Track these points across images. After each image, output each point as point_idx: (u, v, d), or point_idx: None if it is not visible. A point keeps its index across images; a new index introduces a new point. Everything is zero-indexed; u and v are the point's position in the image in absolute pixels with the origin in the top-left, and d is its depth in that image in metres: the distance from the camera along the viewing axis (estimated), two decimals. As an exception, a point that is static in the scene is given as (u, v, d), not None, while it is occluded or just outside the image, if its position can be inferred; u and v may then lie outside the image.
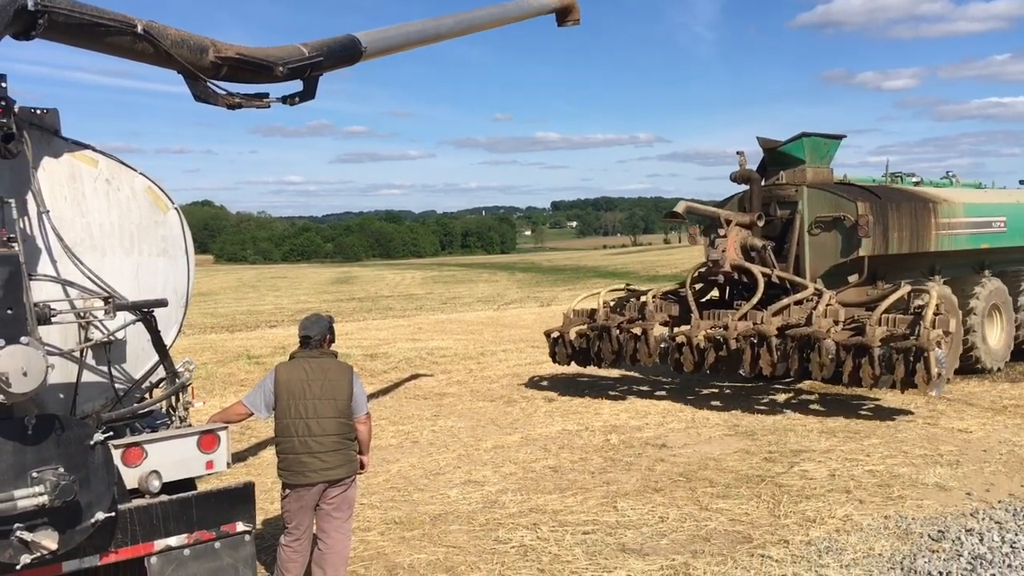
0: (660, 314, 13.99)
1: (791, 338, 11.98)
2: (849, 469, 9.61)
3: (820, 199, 13.78)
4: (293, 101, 7.09)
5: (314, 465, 5.99)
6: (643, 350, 13.39)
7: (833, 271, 13.78)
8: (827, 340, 11.66)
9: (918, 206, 14.39)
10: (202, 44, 6.16)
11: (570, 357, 14.55)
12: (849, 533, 7.57)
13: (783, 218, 14.15)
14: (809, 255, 13.84)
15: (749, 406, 13.12)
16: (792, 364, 12.05)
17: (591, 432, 11.84)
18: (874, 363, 11.35)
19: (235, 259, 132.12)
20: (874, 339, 11.37)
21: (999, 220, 16.08)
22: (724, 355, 12.53)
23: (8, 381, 4.39)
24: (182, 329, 6.34)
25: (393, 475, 9.95)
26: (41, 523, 4.66)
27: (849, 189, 14.09)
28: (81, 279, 5.49)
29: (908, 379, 11.19)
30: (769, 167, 14.65)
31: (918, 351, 11.11)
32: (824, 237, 13.71)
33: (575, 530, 7.89)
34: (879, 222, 13.44)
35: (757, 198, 14.18)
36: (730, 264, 13.59)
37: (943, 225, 14.70)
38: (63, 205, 5.50)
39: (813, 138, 14.22)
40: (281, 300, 42.57)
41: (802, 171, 14.19)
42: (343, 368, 6.23)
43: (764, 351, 12.13)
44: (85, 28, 5.39)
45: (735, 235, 13.74)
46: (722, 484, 9.20)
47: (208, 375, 17.25)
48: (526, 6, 11.07)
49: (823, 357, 11.64)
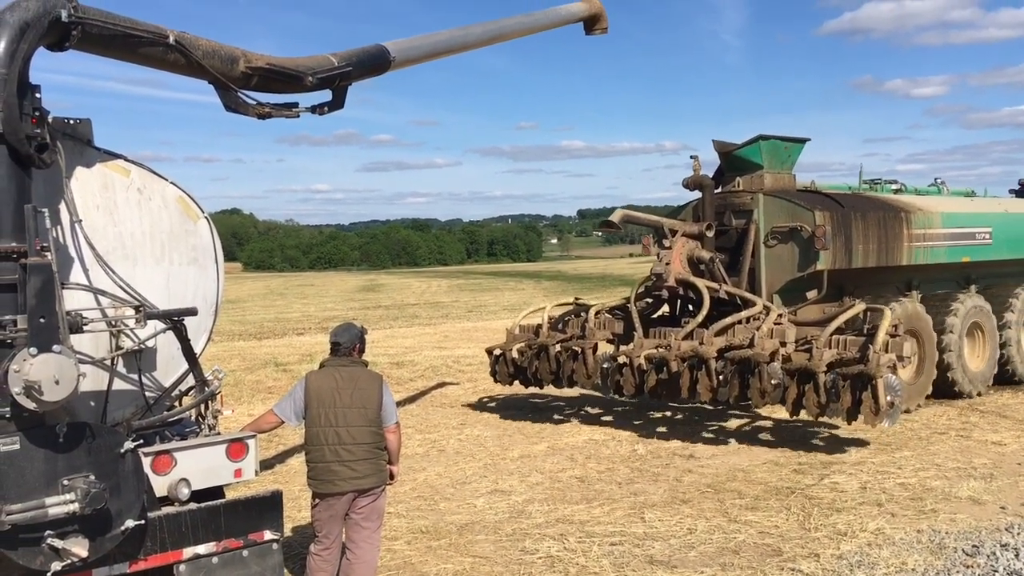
0: (603, 331, 13.04)
1: (730, 361, 10.85)
2: (880, 482, 9.48)
3: (777, 208, 12.69)
4: (322, 111, 7.13)
5: (344, 474, 5.99)
6: (580, 371, 12.44)
7: (790, 286, 12.72)
8: (771, 364, 10.60)
9: (888, 216, 13.37)
10: (233, 55, 6.21)
11: (512, 376, 13.42)
12: (881, 547, 7.46)
13: (739, 228, 13.02)
14: (765, 268, 12.75)
15: (778, 417, 12.99)
16: (732, 390, 10.87)
17: (618, 442, 11.77)
18: (819, 390, 10.23)
19: (263, 267, 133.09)
20: (820, 363, 10.26)
21: (983, 231, 14.98)
22: (665, 378, 11.38)
23: (40, 389, 4.44)
24: (211, 337, 6.37)
25: (420, 484, 9.94)
26: (72, 530, 4.71)
27: (809, 197, 12.99)
28: (112, 288, 5.54)
29: (854, 409, 10.11)
30: (726, 173, 13.59)
31: (864, 378, 10.01)
32: (780, 249, 12.63)
33: (602, 541, 7.84)
34: (840, 233, 12.46)
35: (710, 206, 13.04)
36: (674, 278, 12.45)
37: (917, 236, 13.69)
38: (95, 214, 5.55)
39: (772, 141, 13.20)
40: (308, 308, 42.78)
41: (760, 177, 13.10)
42: (373, 377, 6.23)
43: (703, 375, 10.93)
44: (118, 39, 5.46)
45: (681, 246, 12.61)
46: (751, 496, 9.10)
47: (236, 382, 17.35)
48: (554, 15, 11.07)
49: (764, 383, 10.54)
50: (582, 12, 11.52)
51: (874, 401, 9.85)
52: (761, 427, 12.42)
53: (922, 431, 11.93)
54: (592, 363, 12.41)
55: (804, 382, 10.40)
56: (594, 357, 12.50)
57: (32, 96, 4.91)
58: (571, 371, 12.54)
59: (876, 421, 9.95)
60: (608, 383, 12.32)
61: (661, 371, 11.43)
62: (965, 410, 13.29)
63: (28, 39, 4.79)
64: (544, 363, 12.84)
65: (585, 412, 14.01)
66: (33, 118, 4.88)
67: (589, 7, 11.58)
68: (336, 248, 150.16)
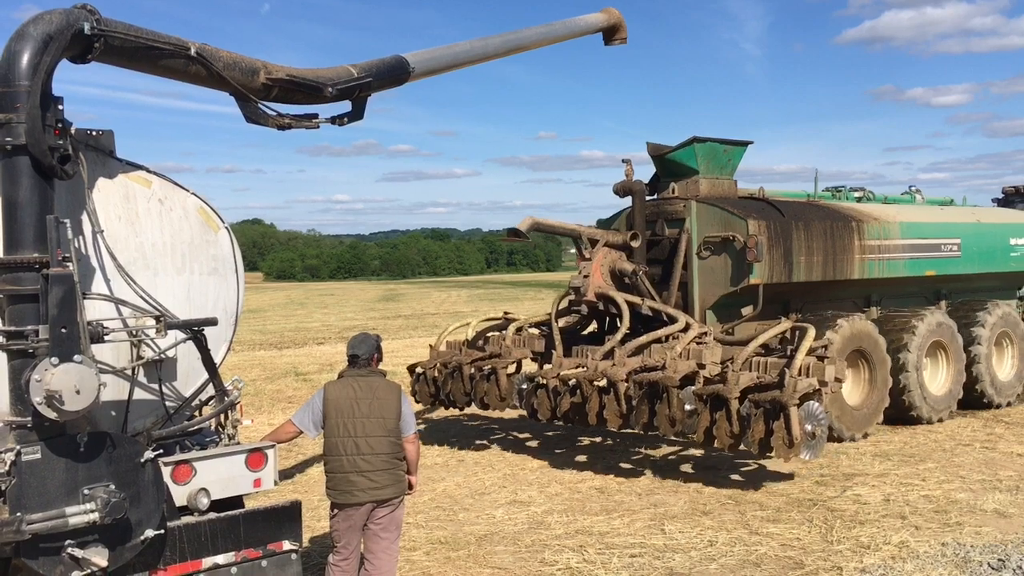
0: (522, 349, 12.05)
1: (638, 384, 9.91)
2: (904, 494, 9.37)
3: (710, 216, 11.62)
4: (342, 122, 7.15)
5: (362, 484, 5.98)
6: (493, 392, 11.48)
7: (725, 301, 11.67)
8: (683, 388, 9.65)
9: (837, 226, 12.27)
10: (253, 66, 6.25)
11: (433, 396, 12.41)
12: (905, 560, 7.37)
13: (672, 238, 12.03)
14: (697, 282, 11.69)
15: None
16: (640, 417, 9.87)
17: (637, 452, 11.70)
18: (731, 419, 9.21)
19: (284, 276, 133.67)
20: (733, 389, 9.24)
21: (951, 243, 13.82)
22: (579, 401, 10.38)
23: (61, 399, 4.46)
24: (231, 347, 6.39)
25: (439, 494, 9.92)
26: (92, 540, 4.72)
27: (745, 205, 11.90)
28: (133, 298, 5.57)
29: (766, 441, 9.06)
30: (662, 178, 12.66)
31: (776, 407, 9.02)
32: (713, 261, 11.56)
33: (622, 553, 7.79)
34: (778, 244, 11.40)
35: (640, 214, 12.11)
36: (594, 292, 11.48)
37: (871, 248, 12.61)
38: (117, 225, 5.59)
39: (709, 144, 12.20)
40: (328, 317, 42.92)
41: (695, 183, 12.15)
42: (392, 387, 6.23)
43: (611, 400, 10.01)
44: (140, 51, 5.51)
45: (603, 258, 11.69)
46: (772, 508, 9.02)
47: (256, 392, 17.42)
48: (573, 26, 11.07)
49: (673, 409, 9.55)
50: (601, 23, 11.52)
51: (787, 432, 8.83)
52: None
53: (946, 443, 11.80)
54: (506, 384, 11.46)
55: (718, 409, 9.40)
56: (509, 378, 11.58)
57: (55, 108, 4.95)
58: (484, 392, 11.61)
59: (790, 454, 8.90)
60: (524, 406, 11.37)
61: (575, 394, 10.46)
62: (990, 421, 13.14)
63: (51, 51, 4.84)
64: (458, 383, 11.88)
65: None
66: (56, 129, 4.91)
67: (608, 18, 11.58)
68: (356, 258, 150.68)
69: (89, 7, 5.15)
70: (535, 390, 11.00)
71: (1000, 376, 14.22)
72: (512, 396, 11.49)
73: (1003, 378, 14.27)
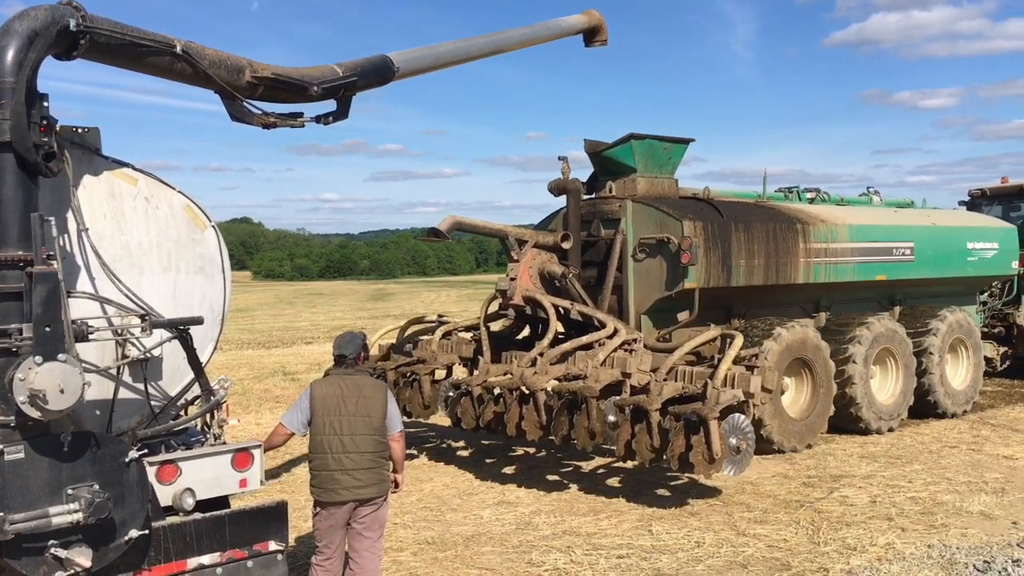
0: (448, 355, 11.57)
1: (557, 395, 9.52)
2: (891, 496, 9.40)
3: (646, 216, 11.11)
4: (327, 120, 7.14)
5: (347, 482, 5.97)
6: (415, 400, 11.16)
7: (660, 306, 11.11)
8: (603, 400, 9.24)
9: (780, 227, 11.73)
10: (239, 64, 6.23)
11: None
12: (891, 562, 7.39)
13: (607, 239, 11.55)
14: (633, 285, 11.17)
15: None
16: (559, 428, 9.39)
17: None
18: (652, 432, 8.78)
19: (273, 276, 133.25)
20: (654, 400, 8.84)
21: (904, 247, 13.26)
22: (501, 410, 9.99)
23: (45, 398, 4.43)
24: (218, 346, 6.36)
25: (426, 495, 9.90)
26: (75, 540, 4.70)
27: (682, 205, 11.37)
28: (118, 296, 5.53)
29: (685, 456, 8.59)
30: (599, 176, 12.24)
31: (697, 420, 8.56)
32: (649, 264, 11.02)
33: (609, 554, 7.79)
34: (715, 246, 10.89)
35: (574, 214, 11.60)
36: (520, 295, 11.06)
37: (816, 251, 12.05)
38: (102, 223, 5.56)
39: (647, 141, 11.73)
40: (317, 316, 42.81)
41: (632, 181, 11.68)
42: (378, 386, 6.22)
43: (530, 410, 9.61)
44: (126, 49, 5.48)
45: (531, 259, 11.26)
46: (759, 509, 9.04)
47: (244, 391, 17.35)
48: (555, 27, 11.08)
49: (592, 421, 9.10)
50: (582, 24, 11.52)
51: (707, 447, 8.37)
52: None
53: (933, 444, 11.85)
54: (429, 392, 11.11)
55: (639, 421, 8.97)
56: (433, 385, 11.23)
57: (40, 105, 4.92)
58: (407, 400, 11.25)
59: (711, 470, 8.43)
60: (449, 414, 10.96)
61: (498, 403, 10.06)
62: (976, 424, 13.20)
63: (36, 48, 4.81)
64: None
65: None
66: (41, 126, 4.88)
67: (589, 19, 11.57)
68: (346, 257, 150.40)
69: (75, 4, 5.12)
70: (459, 398, 10.56)
71: (954, 384, 13.81)
72: (436, 404, 11.19)
73: (957, 387, 13.84)
